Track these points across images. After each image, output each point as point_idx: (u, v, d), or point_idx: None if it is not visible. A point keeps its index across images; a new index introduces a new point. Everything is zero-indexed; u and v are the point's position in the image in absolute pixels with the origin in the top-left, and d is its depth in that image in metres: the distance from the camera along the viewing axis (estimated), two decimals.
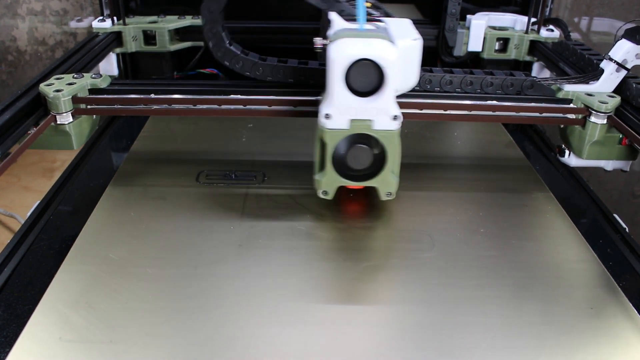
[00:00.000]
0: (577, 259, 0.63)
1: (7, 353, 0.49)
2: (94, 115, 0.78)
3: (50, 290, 0.56)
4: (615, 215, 0.77)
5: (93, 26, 1.00)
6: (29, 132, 0.68)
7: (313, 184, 0.68)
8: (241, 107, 0.76)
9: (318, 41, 0.67)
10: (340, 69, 0.60)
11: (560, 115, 0.78)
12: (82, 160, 0.89)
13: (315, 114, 0.73)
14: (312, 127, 0.95)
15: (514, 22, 1.05)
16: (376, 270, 0.60)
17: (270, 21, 1.09)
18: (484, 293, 0.57)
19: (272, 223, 0.68)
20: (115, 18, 1.02)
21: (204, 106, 0.75)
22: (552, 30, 1.02)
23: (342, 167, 0.65)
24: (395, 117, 0.63)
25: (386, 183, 0.67)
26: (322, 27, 1.00)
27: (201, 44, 1.07)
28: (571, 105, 0.78)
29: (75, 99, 0.74)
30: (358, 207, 0.71)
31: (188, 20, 1.05)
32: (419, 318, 0.54)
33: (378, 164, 0.65)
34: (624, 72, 0.77)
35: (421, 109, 0.76)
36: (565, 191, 0.83)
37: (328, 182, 0.67)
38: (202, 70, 1.09)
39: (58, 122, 0.73)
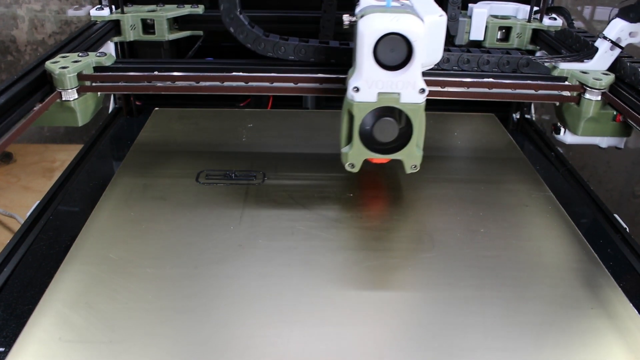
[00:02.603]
0: (577, 259, 0.63)
1: (6, 353, 0.49)
2: (99, 93, 0.79)
3: (50, 290, 0.56)
4: (616, 215, 0.77)
5: (91, 14, 1.00)
6: (34, 108, 0.70)
7: (342, 160, 0.69)
8: (243, 84, 0.77)
9: (346, 18, 0.69)
10: (369, 43, 0.61)
11: (556, 92, 0.80)
12: (82, 160, 0.89)
13: (315, 90, 0.76)
14: (312, 125, 0.95)
15: (516, 10, 1.05)
16: (376, 271, 0.60)
17: (270, 10, 1.09)
18: (484, 293, 0.57)
19: (272, 223, 0.68)
20: (113, 6, 1.01)
21: (207, 83, 0.77)
22: (555, 19, 1.01)
23: (368, 140, 0.66)
24: (422, 90, 0.64)
25: (411, 156, 0.68)
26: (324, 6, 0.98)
27: (200, 33, 1.07)
28: (566, 82, 0.79)
29: (81, 76, 0.76)
30: (358, 208, 0.71)
31: (187, 9, 1.05)
32: (418, 318, 0.54)
33: (404, 137, 0.67)
34: (618, 51, 0.78)
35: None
36: (565, 191, 0.83)
37: (355, 155, 0.67)
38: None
39: (64, 99, 0.75)
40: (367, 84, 0.63)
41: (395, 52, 0.62)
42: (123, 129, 1.02)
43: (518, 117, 1.06)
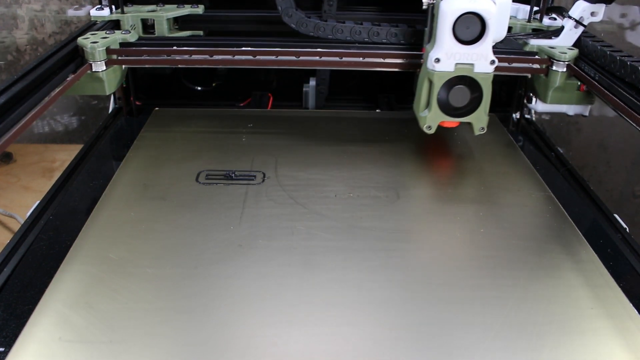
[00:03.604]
0: (577, 259, 0.63)
1: (6, 353, 0.49)
2: (123, 66, 0.91)
3: (50, 290, 0.56)
4: (616, 215, 0.77)
5: (91, 14, 1.00)
6: (67, 78, 0.80)
7: (418, 122, 0.82)
8: (251, 57, 0.89)
9: (425, 1, 0.80)
10: (450, 21, 0.74)
11: (527, 65, 0.91)
12: (82, 160, 0.89)
13: (316, 63, 0.90)
14: (312, 125, 0.95)
15: (516, 10, 1.05)
16: (376, 270, 0.60)
17: (270, 10, 1.09)
18: (484, 293, 0.57)
19: (272, 223, 0.68)
20: (113, 6, 1.01)
21: (220, 57, 0.88)
22: (555, 19, 1.01)
23: (444, 105, 0.80)
24: (492, 62, 0.77)
25: (480, 119, 0.81)
26: None
27: (200, 33, 1.07)
28: (536, 56, 0.91)
29: (109, 51, 0.88)
30: (358, 208, 0.71)
31: (187, 9, 1.05)
32: (419, 318, 0.54)
33: (474, 102, 0.79)
34: (581, 29, 0.89)
35: (405, 60, 0.90)
36: (565, 191, 0.83)
37: (432, 118, 0.80)
38: None
39: (94, 70, 0.87)
40: (447, 56, 0.76)
41: (470, 29, 0.75)
42: (123, 129, 1.02)
43: (518, 117, 1.06)
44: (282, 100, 1.15)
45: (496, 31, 0.76)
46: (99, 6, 1.01)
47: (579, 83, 0.88)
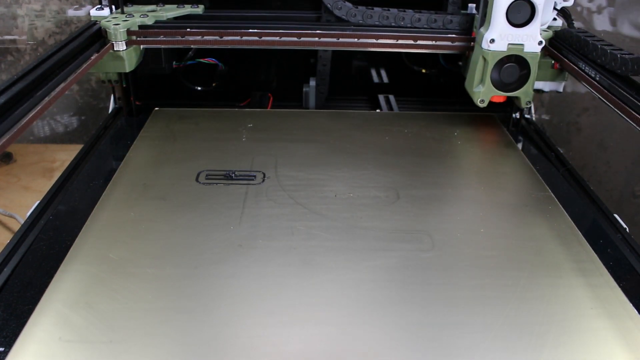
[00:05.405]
0: (577, 259, 0.63)
1: (6, 353, 0.49)
2: (141, 46, 0.98)
3: (50, 290, 0.56)
4: (616, 215, 0.77)
5: (91, 14, 1.00)
6: (91, 57, 0.86)
7: (472, 99, 0.92)
8: (257, 38, 0.97)
9: None
10: (504, 6, 0.86)
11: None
12: (82, 160, 0.89)
13: (315, 44, 0.98)
14: (312, 125, 0.94)
15: None
16: (376, 270, 0.60)
17: (270, 10, 1.09)
18: (484, 293, 0.57)
19: (272, 223, 0.68)
20: (113, 6, 1.01)
21: (229, 38, 0.97)
22: (555, 19, 1.02)
23: (495, 81, 0.91)
24: (540, 42, 0.88)
25: (527, 94, 0.92)
26: None
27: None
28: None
29: (129, 32, 0.95)
30: (358, 208, 0.71)
31: (187, 9, 1.05)
32: (419, 318, 0.54)
33: (522, 79, 0.91)
34: (555, 12, 0.97)
35: (397, 40, 0.98)
36: (565, 191, 0.83)
37: (485, 93, 0.92)
38: (201, 60, 1.09)
39: (115, 49, 0.94)
40: (500, 37, 0.88)
41: (521, 13, 0.87)
42: (123, 129, 1.02)
43: (518, 117, 1.06)
44: (282, 100, 1.15)
45: (543, 15, 0.88)
46: (99, 6, 1.01)
47: (552, 61, 0.97)
